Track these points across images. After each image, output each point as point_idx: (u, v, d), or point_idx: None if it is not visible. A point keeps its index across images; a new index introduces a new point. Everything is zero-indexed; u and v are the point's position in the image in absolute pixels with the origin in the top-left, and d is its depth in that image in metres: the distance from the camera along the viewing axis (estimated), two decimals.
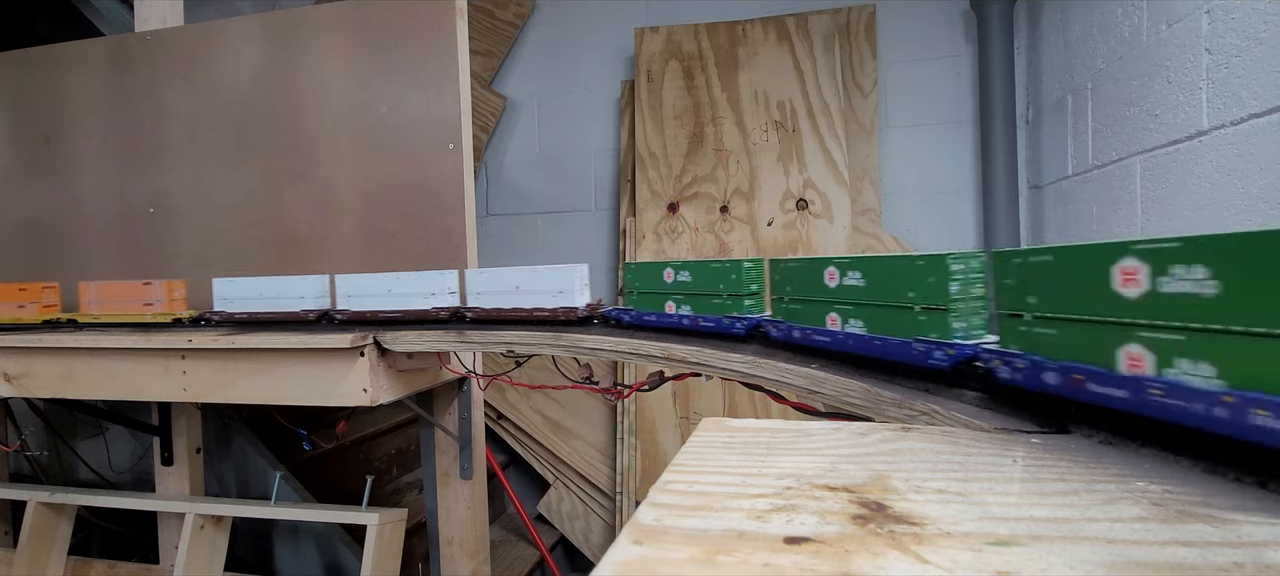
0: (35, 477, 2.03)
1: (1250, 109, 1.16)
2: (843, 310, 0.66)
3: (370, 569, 1.38)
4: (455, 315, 1.17)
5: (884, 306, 0.62)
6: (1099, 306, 0.41)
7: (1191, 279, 0.35)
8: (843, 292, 0.67)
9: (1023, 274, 0.50)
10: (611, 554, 0.30)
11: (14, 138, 1.74)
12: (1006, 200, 2.07)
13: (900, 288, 0.60)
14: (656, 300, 0.94)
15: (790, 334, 0.74)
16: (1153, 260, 0.38)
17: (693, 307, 0.88)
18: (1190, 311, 0.36)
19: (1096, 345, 0.42)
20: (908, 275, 0.59)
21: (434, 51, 1.44)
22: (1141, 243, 0.39)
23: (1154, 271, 0.38)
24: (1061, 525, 0.31)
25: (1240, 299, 0.33)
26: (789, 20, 2.22)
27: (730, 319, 0.83)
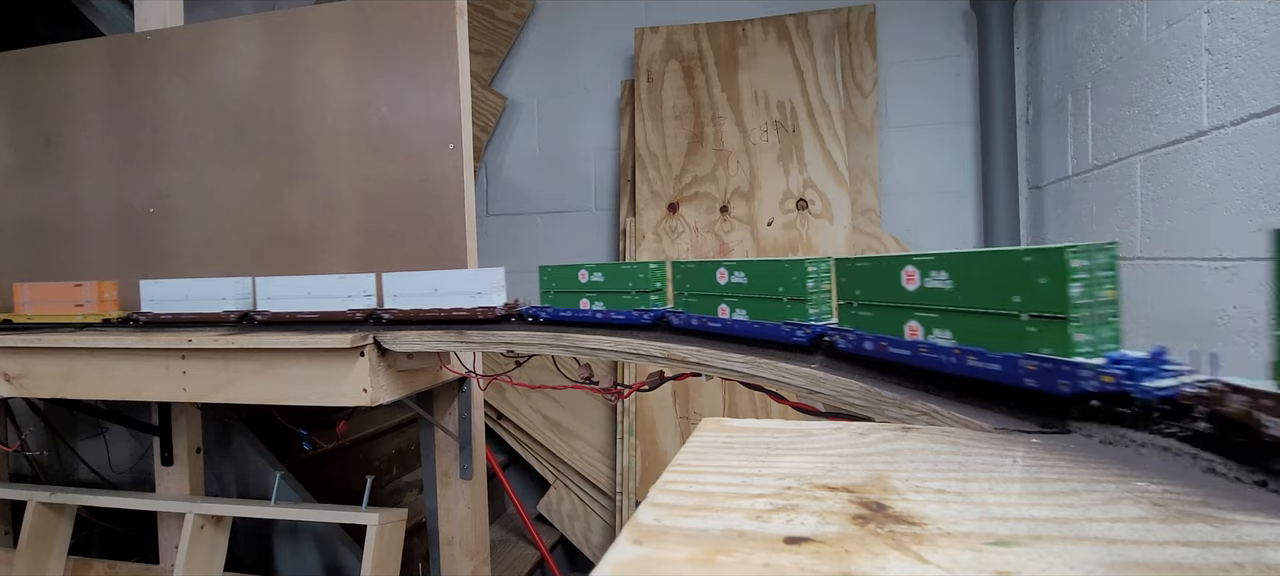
0: (35, 477, 2.03)
1: (1250, 109, 1.16)
2: (730, 302, 0.85)
3: (370, 569, 1.38)
4: (371, 316, 1.23)
5: (762, 299, 0.80)
6: (893, 296, 0.62)
7: (939, 279, 0.57)
8: (731, 288, 0.85)
9: (852, 274, 0.71)
10: (611, 554, 0.30)
11: (14, 138, 1.74)
12: (1006, 200, 2.07)
13: (774, 285, 0.78)
14: (572, 298, 1.06)
15: (689, 322, 0.91)
16: (921, 266, 0.59)
17: (606, 304, 1.02)
18: (940, 299, 0.57)
19: (891, 322, 0.64)
20: (781, 275, 0.77)
21: (434, 51, 1.44)
22: (916, 256, 0.59)
23: (922, 274, 0.59)
24: (1061, 525, 0.31)
25: (964, 291, 0.55)
26: (789, 20, 2.22)
27: (638, 311, 0.97)
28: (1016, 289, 0.50)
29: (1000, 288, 0.51)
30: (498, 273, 1.15)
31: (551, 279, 1.07)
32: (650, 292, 0.98)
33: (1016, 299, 0.50)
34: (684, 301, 0.93)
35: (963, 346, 0.55)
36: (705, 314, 0.89)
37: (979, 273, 0.54)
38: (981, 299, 0.53)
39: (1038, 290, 0.48)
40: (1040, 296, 0.48)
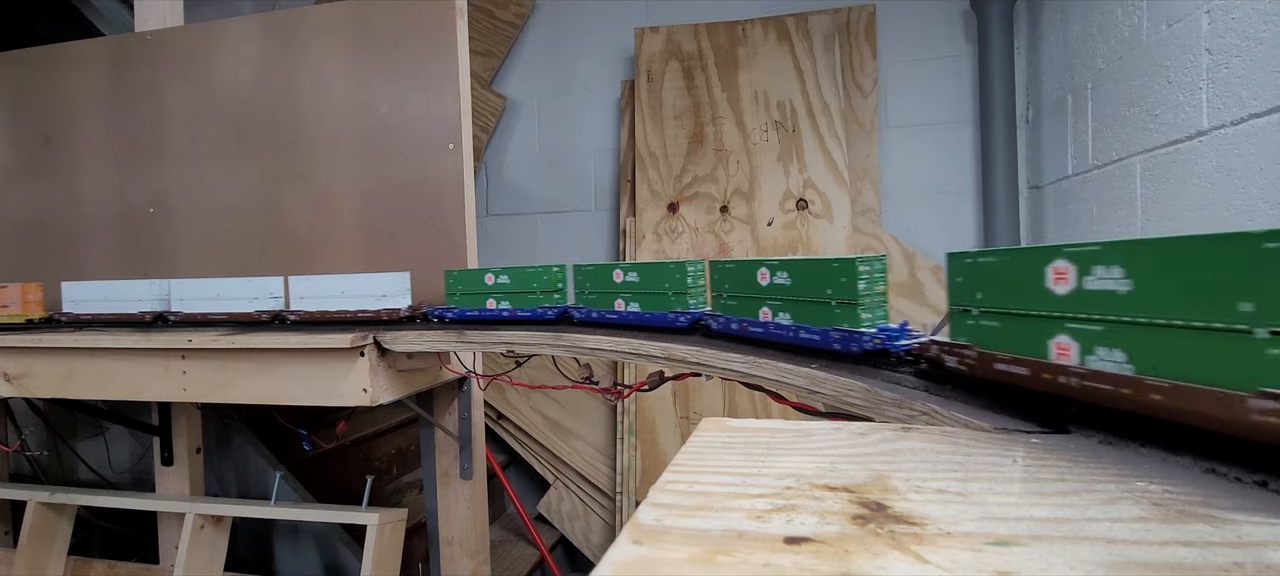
0: (35, 477, 2.03)
1: (1250, 109, 1.16)
2: (625, 297, 0.97)
3: (370, 569, 1.38)
4: (277, 317, 1.29)
5: (651, 293, 0.93)
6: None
7: (782, 278, 0.51)
8: (626, 286, 0.98)
9: (718, 274, 0.73)
10: (611, 554, 0.30)
11: (14, 138, 1.74)
12: (1006, 200, 2.07)
13: (661, 282, 0.91)
14: (479, 299, 1.14)
15: (590, 315, 1.03)
16: (772, 268, 0.55)
17: (512, 303, 1.11)
18: (783, 292, 0.54)
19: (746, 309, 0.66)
20: (665, 275, 0.90)
21: (434, 51, 1.44)
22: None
23: (772, 272, 0.57)
24: (1061, 525, 0.31)
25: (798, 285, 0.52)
26: (789, 20, 2.22)
27: (542, 309, 1.08)
28: (668, 281, 0.85)
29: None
30: (403, 277, 1.22)
31: (458, 282, 1.16)
32: (552, 292, 1.09)
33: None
34: (586, 298, 1.04)
35: (796, 323, 0.74)
36: (604, 308, 1.02)
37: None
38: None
39: (840, 286, 0.67)
40: (841, 290, 0.67)
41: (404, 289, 1.21)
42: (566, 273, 1.10)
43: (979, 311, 0.52)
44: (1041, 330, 0.45)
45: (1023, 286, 0.47)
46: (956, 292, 0.54)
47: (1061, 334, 0.44)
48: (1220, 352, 0.34)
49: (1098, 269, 0.41)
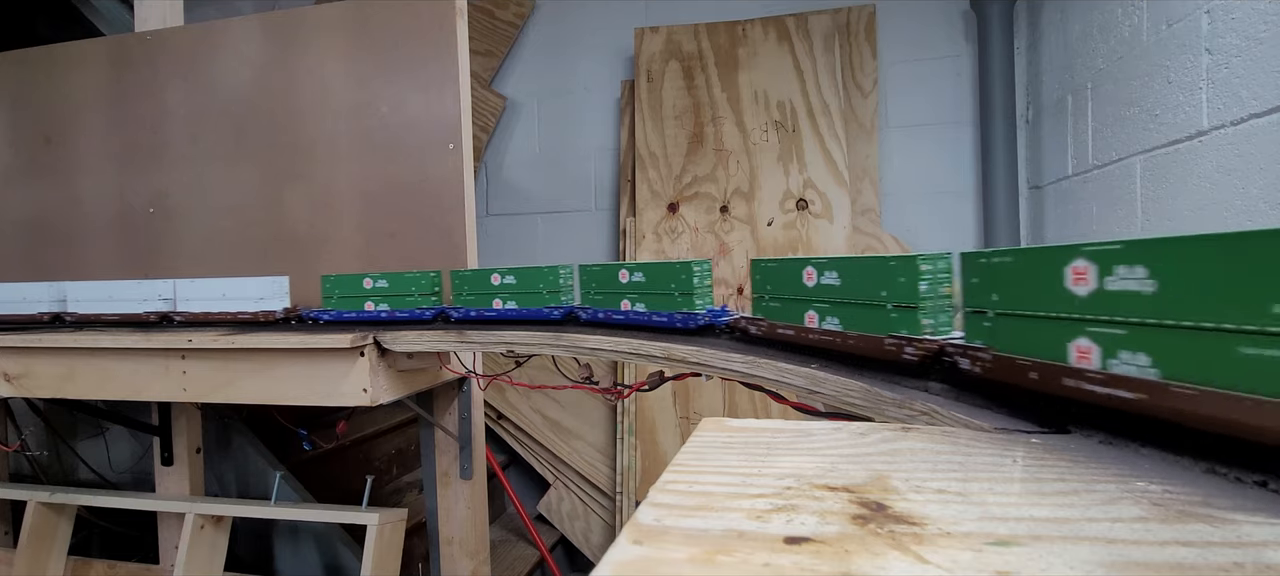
0: (35, 477, 2.03)
1: (1250, 109, 1.16)
2: (500, 295, 1.07)
3: (370, 569, 1.38)
4: (164, 317, 1.35)
5: (531, 293, 1.05)
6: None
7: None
8: (504, 288, 1.09)
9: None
10: (611, 554, 0.30)
11: (14, 138, 1.74)
12: (1006, 200, 2.07)
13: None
14: (356, 301, 1.22)
15: (468, 314, 1.13)
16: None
17: (391, 304, 1.18)
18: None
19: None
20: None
21: (434, 51, 1.44)
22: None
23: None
24: (1061, 525, 0.31)
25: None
26: (789, 20, 2.22)
27: (419, 310, 1.17)
28: (673, 280, 0.90)
29: (667, 280, 0.91)
30: (281, 281, 1.30)
31: (335, 287, 1.25)
32: (429, 294, 1.20)
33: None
34: (464, 299, 1.14)
35: (651, 311, 0.93)
36: (483, 306, 1.11)
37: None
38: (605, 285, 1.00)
39: (680, 282, 0.77)
40: (683, 287, 0.77)
41: (282, 292, 1.30)
42: (441, 276, 1.21)
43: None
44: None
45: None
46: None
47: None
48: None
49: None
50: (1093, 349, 0.42)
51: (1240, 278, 0.33)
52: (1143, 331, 0.38)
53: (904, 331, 0.59)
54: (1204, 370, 0.35)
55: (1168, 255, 0.37)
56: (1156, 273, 0.38)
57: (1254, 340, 0.32)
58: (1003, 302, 0.49)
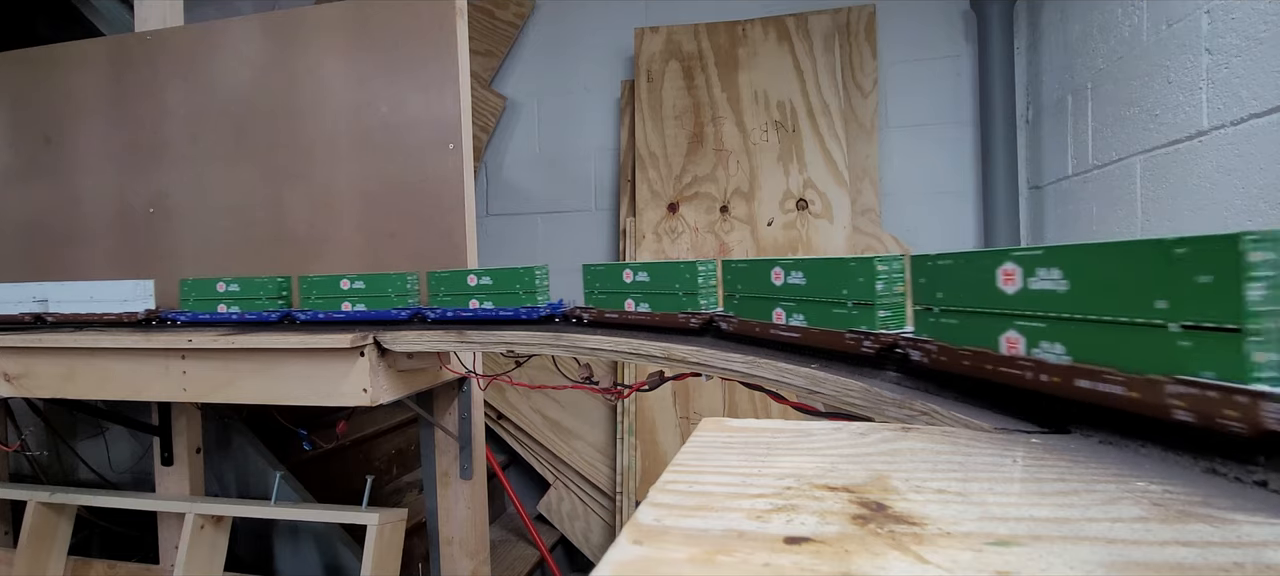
0: (35, 477, 2.03)
1: (1250, 109, 1.16)
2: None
3: (370, 569, 1.38)
4: (38, 319, 1.43)
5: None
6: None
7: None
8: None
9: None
10: (611, 554, 0.30)
11: (14, 138, 1.74)
12: (1006, 200, 2.07)
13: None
14: (211, 303, 1.31)
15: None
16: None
17: (241, 307, 1.27)
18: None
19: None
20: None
21: (434, 51, 1.44)
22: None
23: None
24: (1061, 525, 0.31)
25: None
26: (789, 20, 2.22)
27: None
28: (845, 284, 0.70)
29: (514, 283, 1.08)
30: (146, 284, 1.38)
31: (192, 289, 1.35)
32: (279, 297, 1.29)
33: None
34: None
35: (498, 307, 1.09)
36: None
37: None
38: (507, 286, 1.10)
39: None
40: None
41: (146, 295, 1.38)
42: (291, 282, 1.29)
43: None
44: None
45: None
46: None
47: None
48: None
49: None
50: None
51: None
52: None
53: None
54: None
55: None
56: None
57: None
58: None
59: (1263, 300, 0.37)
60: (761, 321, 0.78)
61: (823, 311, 0.69)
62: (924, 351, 0.57)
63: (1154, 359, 0.38)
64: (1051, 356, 0.45)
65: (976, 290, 0.51)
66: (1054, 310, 0.44)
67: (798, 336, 0.72)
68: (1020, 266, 0.47)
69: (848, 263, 0.66)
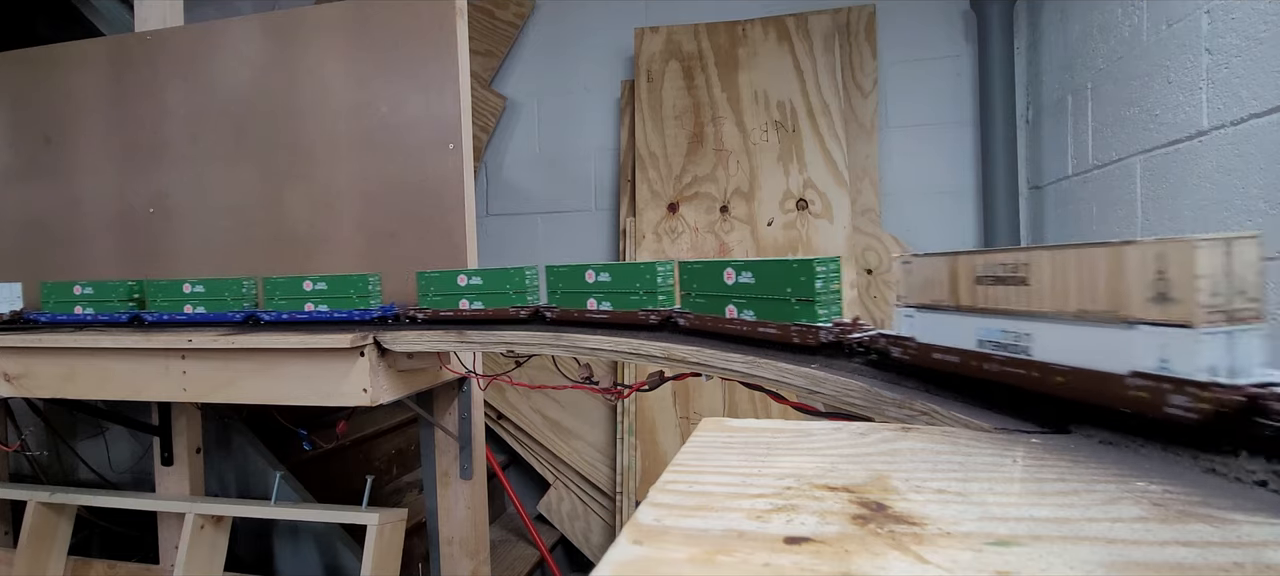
0: (35, 477, 2.03)
1: (1250, 109, 1.16)
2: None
3: (370, 569, 1.38)
4: None
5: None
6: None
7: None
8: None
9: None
10: (611, 554, 0.30)
11: (14, 138, 1.74)
12: (1006, 200, 2.07)
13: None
14: (67, 305, 1.40)
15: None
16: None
17: (96, 309, 1.34)
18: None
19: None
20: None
21: (434, 51, 1.44)
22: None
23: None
24: (1061, 525, 0.31)
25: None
26: (789, 20, 2.22)
27: (116, 313, 1.36)
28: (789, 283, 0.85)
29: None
30: (14, 287, 1.49)
31: (51, 293, 1.42)
32: (132, 299, 1.38)
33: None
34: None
35: (332, 310, 1.23)
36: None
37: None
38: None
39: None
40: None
41: (14, 298, 1.48)
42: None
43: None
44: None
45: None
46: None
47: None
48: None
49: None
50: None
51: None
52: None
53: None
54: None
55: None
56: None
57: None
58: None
59: (821, 288, 0.71)
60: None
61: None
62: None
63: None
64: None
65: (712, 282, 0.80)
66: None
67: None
68: (733, 269, 0.81)
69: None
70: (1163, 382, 0.37)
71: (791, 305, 0.74)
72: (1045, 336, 0.46)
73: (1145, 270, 0.38)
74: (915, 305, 0.59)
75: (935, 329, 0.56)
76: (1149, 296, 0.38)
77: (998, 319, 0.49)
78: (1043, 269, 0.46)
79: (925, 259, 0.58)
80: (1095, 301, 0.41)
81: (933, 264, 0.57)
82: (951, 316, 0.54)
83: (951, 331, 0.54)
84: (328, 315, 1.23)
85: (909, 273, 0.60)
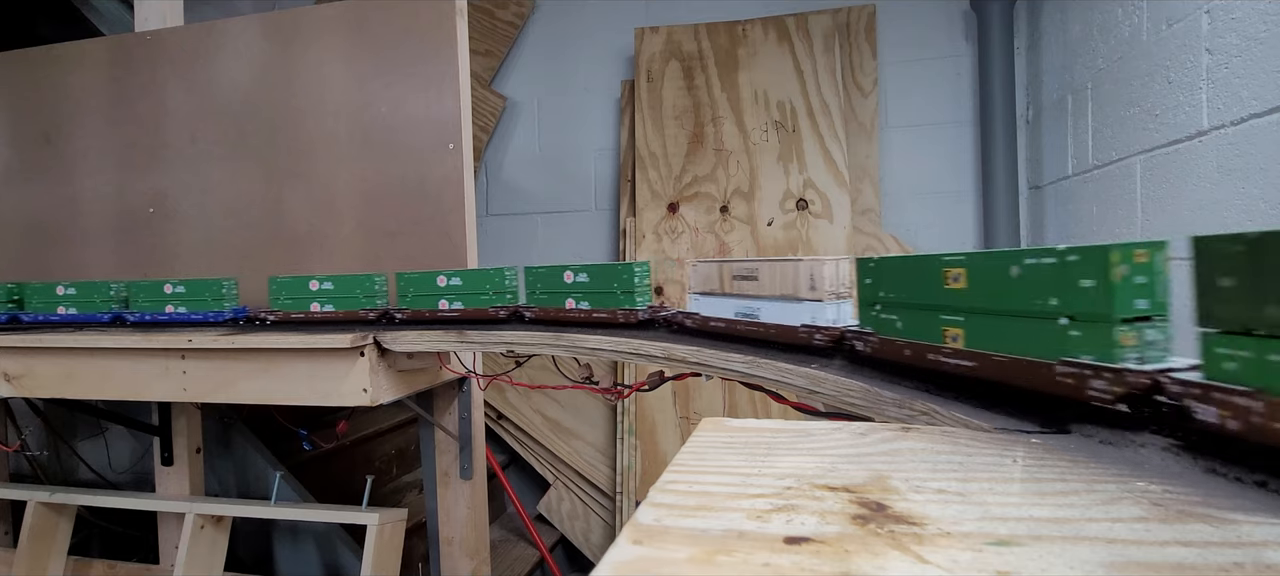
0: (35, 477, 2.03)
1: (1250, 109, 1.16)
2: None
3: (370, 569, 1.38)
4: None
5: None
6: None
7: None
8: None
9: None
10: (611, 554, 0.30)
11: (14, 137, 1.74)
12: (1006, 200, 2.07)
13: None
14: (431, 300, 1.32)
15: (138, 317, 1.35)
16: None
17: (464, 303, 1.27)
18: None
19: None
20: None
21: (434, 51, 1.44)
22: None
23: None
24: (1061, 525, 0.31)
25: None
26: (789, 20, 2.22)
27: (209, 313, 1.34)
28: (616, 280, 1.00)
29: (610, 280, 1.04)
30: None
31: (34, 294, 1.43)
32: (116, 299, 1.38)
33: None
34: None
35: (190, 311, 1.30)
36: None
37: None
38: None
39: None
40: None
41: None
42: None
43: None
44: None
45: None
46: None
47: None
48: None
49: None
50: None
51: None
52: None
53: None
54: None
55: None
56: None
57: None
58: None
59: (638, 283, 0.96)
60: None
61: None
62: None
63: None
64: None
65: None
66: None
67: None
68: (572, 271, 0.93)
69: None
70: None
71: (618, 295, 0.97)
72: (766, 309, 0.77)
73: (805, 275, 0.73)
74: (699, 292, 0.90)
75: (711, 307, 0.87)
76: (807, 287, 0.72)
77: (744, 300, 0.81)
78: (765, 272, 0.78)
79: (705, 264, 0.88)
80: (786, 289, 0.75)
81: (709, 268, 0.87)
82: (720, 298, 0.85)
83: (719, 308, 0.85)
84: (185, 316, 1.31)
85: (696, 272, 0.90)
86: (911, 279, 0.59)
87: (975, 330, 0.52)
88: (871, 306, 0.64)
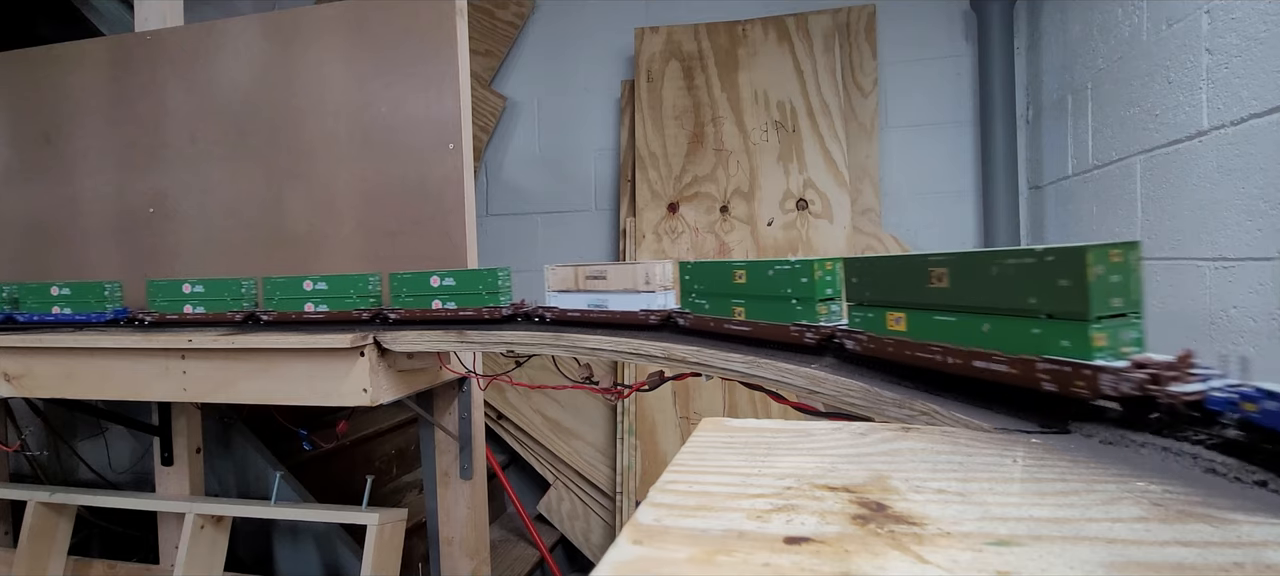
0: (35, 477, 2.03)
1: (1250, 109, 1.16)
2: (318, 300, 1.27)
3: (370, 569, 1.38)
4: None
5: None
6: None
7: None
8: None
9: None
10: (611, 554, 0.30)
11: (14, 137, 1.74)
12: (1006, 200, 2.07)
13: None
14: (426, 300, 1.37)
15: (27, 318, 1.43)
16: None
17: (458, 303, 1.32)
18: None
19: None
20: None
21: (434, 51, 1.44)
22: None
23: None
24: (1061, 525, 0.31)
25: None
26: (789, 20, 2.22)
27: (92, 314, 1.40)
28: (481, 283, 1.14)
29: None
30: None
31: (29, 294, 1.45)
32: (109, 299, 1.42)
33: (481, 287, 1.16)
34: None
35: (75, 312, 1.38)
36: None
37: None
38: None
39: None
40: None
41: None
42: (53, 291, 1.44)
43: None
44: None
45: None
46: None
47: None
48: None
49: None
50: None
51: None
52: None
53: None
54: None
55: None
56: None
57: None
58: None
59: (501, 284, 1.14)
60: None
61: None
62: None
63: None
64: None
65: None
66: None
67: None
68: (438, 276, 1.02)
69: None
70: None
71: (483, 296, 1.11)
72: (613, 300, 0.98)
73: (640, 274, 0.95)
74: (557, 290, 1.07)
75: (568, 301, 1.05)
76: (644, 282, 0.94)
77: (595, 294, 1.01)
78: (612, 271, 0.98)
79: (562, 267, 1.06)
80: (628, 284, 0.96)
81: (565, 270, 1.06)
82: (575, 295, 1.04)
83: (575, 302, 1.04)
84: (70, 318, 1.40)
85: (553, 274, 1.08)
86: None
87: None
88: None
